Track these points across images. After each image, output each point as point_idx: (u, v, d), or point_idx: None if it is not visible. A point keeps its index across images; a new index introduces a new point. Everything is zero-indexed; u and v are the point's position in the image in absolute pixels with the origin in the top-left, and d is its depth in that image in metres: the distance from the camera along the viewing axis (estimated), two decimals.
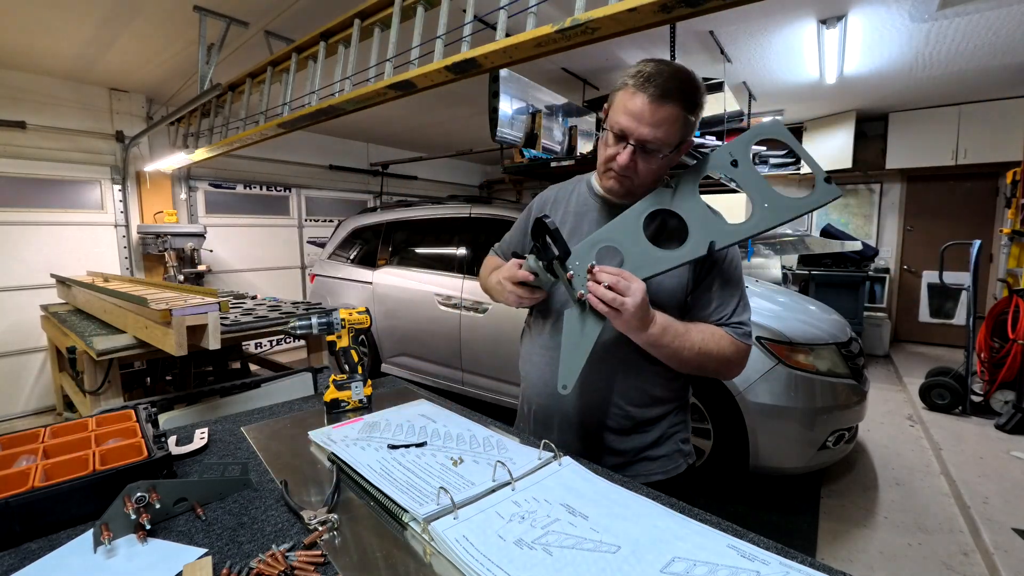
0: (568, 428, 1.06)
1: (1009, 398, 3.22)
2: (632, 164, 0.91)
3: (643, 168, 0.92)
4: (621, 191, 0.98)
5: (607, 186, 1.00)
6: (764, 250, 4.81)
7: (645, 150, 0.90)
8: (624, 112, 0.89)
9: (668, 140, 0.89)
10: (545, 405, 1.08)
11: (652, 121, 0.86)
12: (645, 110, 0.86)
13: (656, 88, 0.85)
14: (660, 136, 0.88)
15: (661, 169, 0.95)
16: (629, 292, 0.82)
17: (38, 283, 3.82)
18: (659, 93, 0.85)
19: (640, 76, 0.87)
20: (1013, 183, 3.99)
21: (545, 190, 1.21)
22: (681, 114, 0.87)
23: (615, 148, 0.92)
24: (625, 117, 0.88)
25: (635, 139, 0.89)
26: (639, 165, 0.92)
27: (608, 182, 0.99)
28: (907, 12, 2.96)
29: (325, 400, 1.16)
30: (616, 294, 0.82)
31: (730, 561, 0.59)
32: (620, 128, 0.90)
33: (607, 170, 0.97)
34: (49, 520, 0.70)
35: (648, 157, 0.91)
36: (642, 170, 0.93)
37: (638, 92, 0.87)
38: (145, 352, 1.96)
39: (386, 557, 0.64)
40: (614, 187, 0.98)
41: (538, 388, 1.09)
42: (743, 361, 0.99)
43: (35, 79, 3.73)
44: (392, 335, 3.79)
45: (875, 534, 2.22)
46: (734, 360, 0.97)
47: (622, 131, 0.90)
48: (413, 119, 5.24)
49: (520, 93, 3.22)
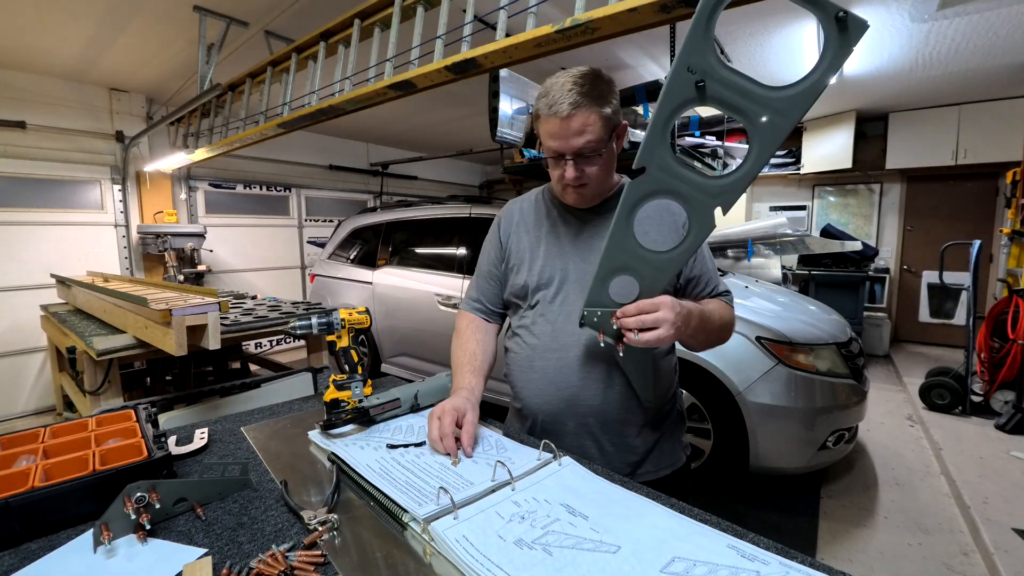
0: (584, 431, 1.04)
1: (1009, 398, 3.22)
2: (580, 173, 0.97)
3: (591, 172, 0.97)
4: (585, 200, 1.04)
5: (571, 201, 1.05)
6: (764, 250, 4.81)
7: (583, 156, 0.95)
8: (548, 137, 0.95)
9: (597, 139, 0.93)
10: (555, 412, 1.05)
11: (573, 133, 0.92)
12: (562, 127, 0.92)
13: (560, 106, 0.91)
14: (588, 139, 0.93)
15: (608, 162, 1.00)
16: (659, 322, 0.84)
17: (38, 283, 3.82)
18: (567, 109, 0.91)
19: (545, 102, 0.93)
20: (1013, 183, 3.98)
21: (506, 205, 1.21)
22: (594, 113, 0.92)
23: (559, 168, 0.98)
24: (551, 140, 0.95)
25: (569, 154, 0.95)
26: (586, 171, 0.97)
27: (570, 198, 1.04)
28: (907, 12, 2.96)
29: (325, 400, 1.16)
30: (650, 331, 0.84)
31: (730, 561, 0.59)
32: (552, 151, 0.97)
33: (564, 187, 1.01)
34: (49, 520, 0.70)
35: (589, 161, 0.96)
36: (591, 173, 0.98)
37: (550, 117, 0.93)
38: (145, 352, 1.96)
39: (386, 557, 0.64)
40: (577, 200, 1.04)
41: (547, 395, 1.05)
42: (733, 327, 1.09)
43: (35, 79, 3.73)
44: (392, 335, 3.79)
45: (875, 534, 2.22)
46: (732, 325, 1.07)
47: (555, 152, 0.96)
48: (413, 119, 5.24)
49: (520, 93, 3.22)
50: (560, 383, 1.04)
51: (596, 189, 1.02)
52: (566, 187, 1.00)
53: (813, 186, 6.10)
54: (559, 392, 1.04)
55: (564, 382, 1.03)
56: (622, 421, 1.04)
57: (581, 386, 1.02)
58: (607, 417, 1.03)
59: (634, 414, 1.04)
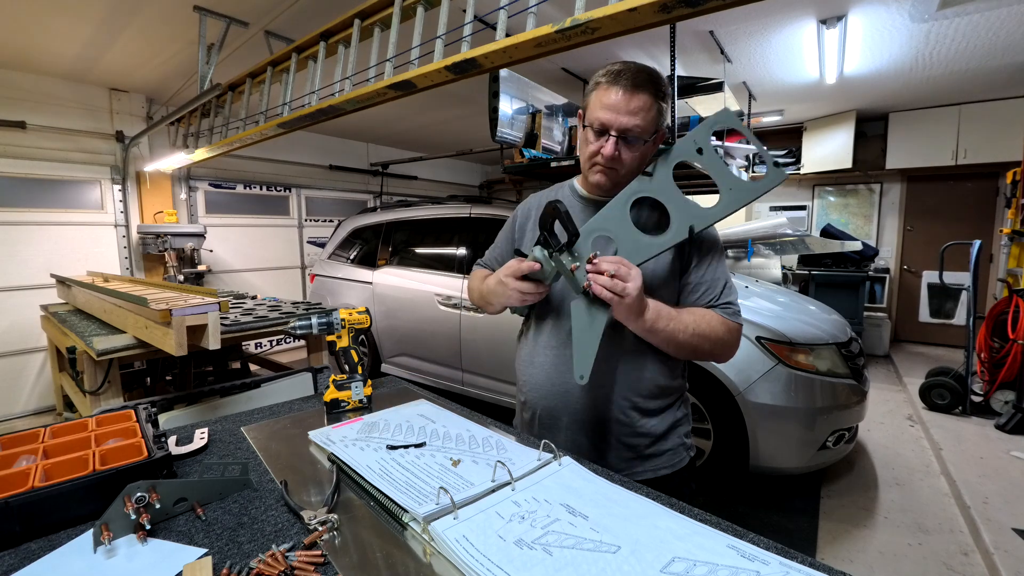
0: (578, 427, 1.05)
1: (1009, 398, 3.22)
2: (616, 154, 0.95)
3: (627, 157, 0.97)
4: (609, 184, 1.01)
5: (595, 180, 1.02)
6: (764, 250, 4.81)
7: (626, 139, 0.95)
8: (602, 107, 0.94)
9: (646, 127, 0.94)
10: (552, 407, 1.07)
11: (629, 110, 0.92)
12: (621, 101, 0.92)
13: (627, 80, 0.92)
14: (638, 123, 0.93)
15: (643, 158, 0.99)
16: (630, 278, 0.85)
17: (38, 283, 3.82)
18: (631, 84, 0.92)
19: (611, 73, 0.94)
20: (1013, 183, 3.98)
21: (527, 199, 1.23)
22: (654, 102, 0.93)
23: (598, 143, 0.97)
24: (603, 111, 0.94)
25: (616, 129, 0.94)
26: (623, 155, 0.96)
27: (595, 176, 1.01)
28: (907, 12, 2.96)
29: (325, 400, 1.16)
30: (618, 280, 0.85)
31: (730, 561, 0.59)
32: (600, 122, 0.95)
33: (592, 165, 1.00)
34: (49, 520, 0.70)
35: (630, 146, 0.96)
36: (626, 159, 0.97)
37: (611, 86, 0.93)
38: (145, 352, 1.96)
39: (386, 557, 0.64)
40: (601, 181, 1.01)
41: (544, 390, 1.08)
42: (736, 341, 1.02)
43: (35, 79, 3.73)
44: (392, 335, 3.79)
45: (875, 534, 2.22)
46: (727, 340, 0.99)
47: (602, 124, 0.95)
48: (413, 119, 5.24)
49: (520, 93, 3.21)
50: (556, 378, 1.06)
51: (623, 178, 1.00)
52: (594, 165, 0.99)
53: (813, 186, 6.10)
54: (554, 387, 1.06)
55: (559, 377, 1.05)
56: (617, 419, 1.04)
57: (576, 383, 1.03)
58: (601, 414, 1.04)
59: (630, 413, 1.04)
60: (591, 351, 0.90)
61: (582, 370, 0.91)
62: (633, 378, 1.03)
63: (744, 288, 3.00)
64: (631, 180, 1.00)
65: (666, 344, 0.96)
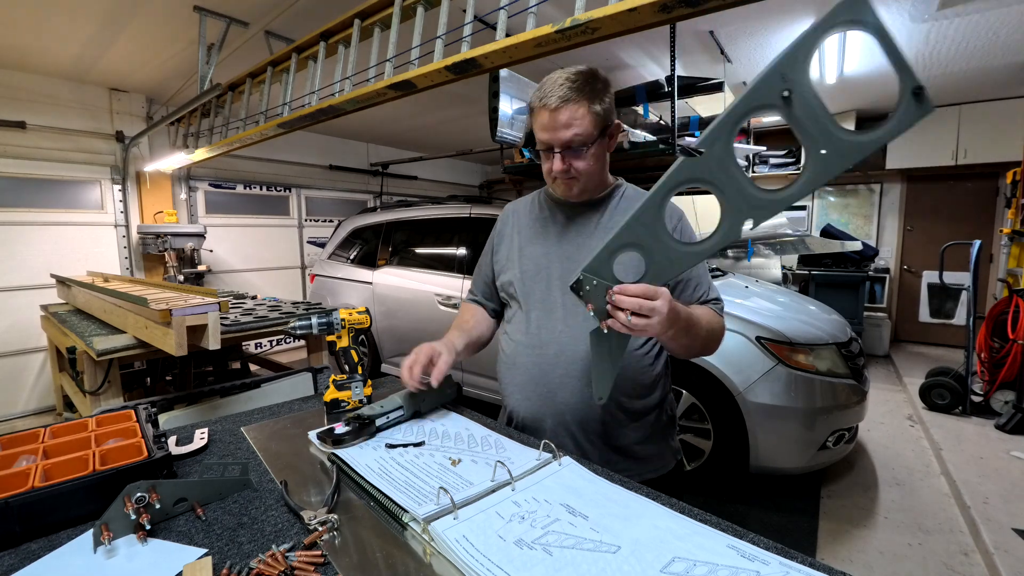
0: (563, 429, 1.04)
1: (1009, 398, 3.22)
2: (567, 166, 0.99)
3: (579, 165, 0.99)
4: (576, 193, 1.05)
5: (560, 193, 1.08)
6: (764, 250, 4.81)
7: (571, 150, 0.97)
8: (539, 129, 0.99)
9: (585, 133, 0.96)
10: (535, 409, 1.06)
11: (561, 125, 0.95)
12: (550, 120, 0.96)
13: (552, 98, 0.95)
14: (576, 133, 0.95)
15: (598, 158, 1.02)
16: (654, 312, 0.77)
17: (38, 283, 3.82)
18: (557, 100, 0.94)
19: (538, 96, 0.98)
20: (1013, 183, 3.98)
21: (507, 207, 1.25)
22: (587, 106, 0.95)
23: (548, 161, 1.01)
24: (541, 132, 0.98)
25: (557, 146, 0.97)
26: (574, 164, 0.99)
27: (559, 189, 1.06)
28: (907, 12, 2.96)
29: (325, 400, 1.16)
30: (642, 318, 0.78)
31: (730, 561, 0.59)
32: (542, 143, 1.00)
33: (554, 180, 1.05)
34: (49, 520, 0.70)
35: (576, 154, 0.98)
36: (580, 167, 0.99)
37: (541, 109, 0.97)
38: (145, 352, 1.96)
39: (386, 557, 0.64)
40: (565, 192, 1.06)
41: (527, 392, 1.07)
42: (723, 335, 1.05)
43: (35, 79, 3.73)
44: (392, 335, 3.79)
45: (875, 534, 2.22)
46: (720, 335, 1.03)
47: (545, 144, 0.99)
48: (413, 119, 5.24)
49: (520, 93, 3.21)
50: (539, 380, 1.05)
51: (585, 184, 1.03)
52: (555, 179, 1.03)
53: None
54: (537, 389, 1.06)
55: (543, 379, 1.05)
56: (602, 421, 1.04)
57: (559, 384, 1.03)
58: (585, 416, 1.03)
59: (615, 415, 1.04)
60: (611, 374, 0.86)
61: (601, 392, 0.87)
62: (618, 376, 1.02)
63: (744, 288, 3.00)
64: (597, 181, 1.04)
65: (682, 347, 0.95)
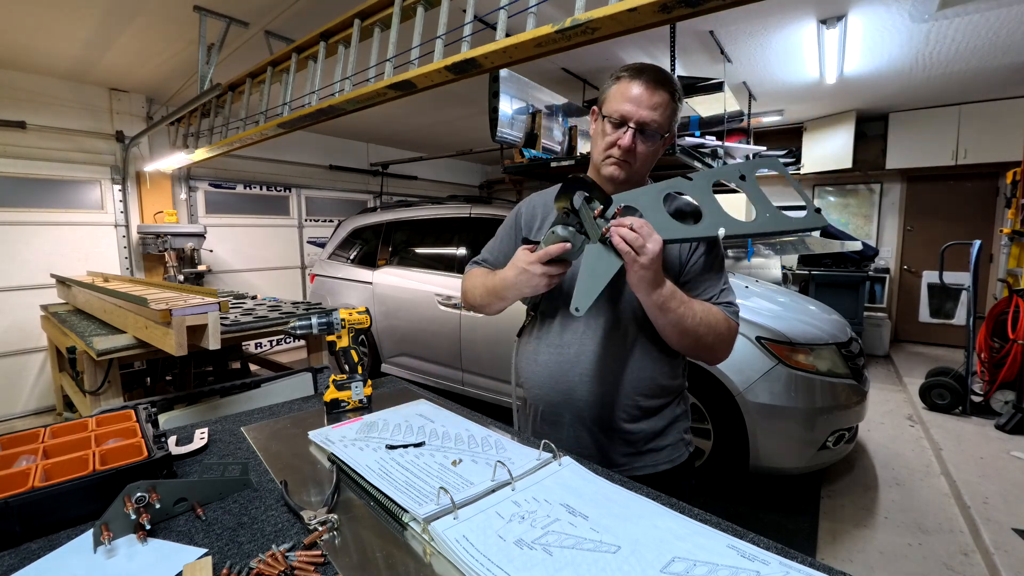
0: (581, 424, 1.06)
1: (1009, 398, 3.22)
2: (633, 146, 0.97)
3: (642, 151, 0.98)
4: (622, 176, 1.02)
5: (608, 173, 1.03)
6: (764, 250, 4.81)
7: (644, 133, 0.97)
8: (624, 99, 0.96)
9: (663, 123, 0.97)
10: (555, 403, 1.08)
11: (650, 104, 0.95)
12: (643, 94, 0.95)
13: (650, 76, 0.95)
14: (657, 118, 0.96)
15: (655, 155, 1.01)
16: (650, 239, 0.84)
17: (38, 283, 3.82)
18: (653, 80, 0.95)
19: (633, 69, 0.97)
20: (1013, 183, 3.98)
21: (530, 196, 1.22)
22: (671, 101, 0.97)
23: (615, 134, 0.98)
24: (625, 103, 0.96)
25: (635, 121, 0.95)
26: (639, 147, 0.98)
27: (609, 168, 1.02)
28: (907, 12, 2.96)
29: (325, 400, 1.16)
30: (637, 235, 0.84)
31: (730, 561, 0.59)
32: (620, 114, 0.97)
33: (607, 157, 1.01)
34: (49, 520, 0.70)
35: (646, 140, 0.98)
36: (641, 153, 0.98)
37: (634, 80, 0.96)
38: (145, 352, 1.96)
39: (386, 557, 0.64)
40: (615, 173, 1.01)
41: (547, 387, 1.09)
42: (733, 341, 1.02)
43: (35, 79, 3.73)
44: (392, 335, 3.79)
45: (875, 534, 2.22)
46: (727, 337, 1.00)
47: (623, 116, 0.96)
48: (413, 119, 5.24)
49: (520, 93, 3.21)
50: (559, 377, 1.06)
51: (637, 171, 1.01)
52: (608, 157, 1.00)
53: (813, 186, 6.10)
54: (557, 385, 1.07)
55: (562, 377, 1.06)
56: (619, 417, 1.05)
57: (578, 382, 1.04)
58: (602, 412, 1.04)
59: (632, 412, 1.05)
60: (594, 290, 0.88)
61: (579, 303, 0.87)
62: (636, 377, 1.04)
63: (744, 288, 3.00)
64: (640, 179, 1.03)
65: (673, 327, 0.94)
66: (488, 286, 1.12)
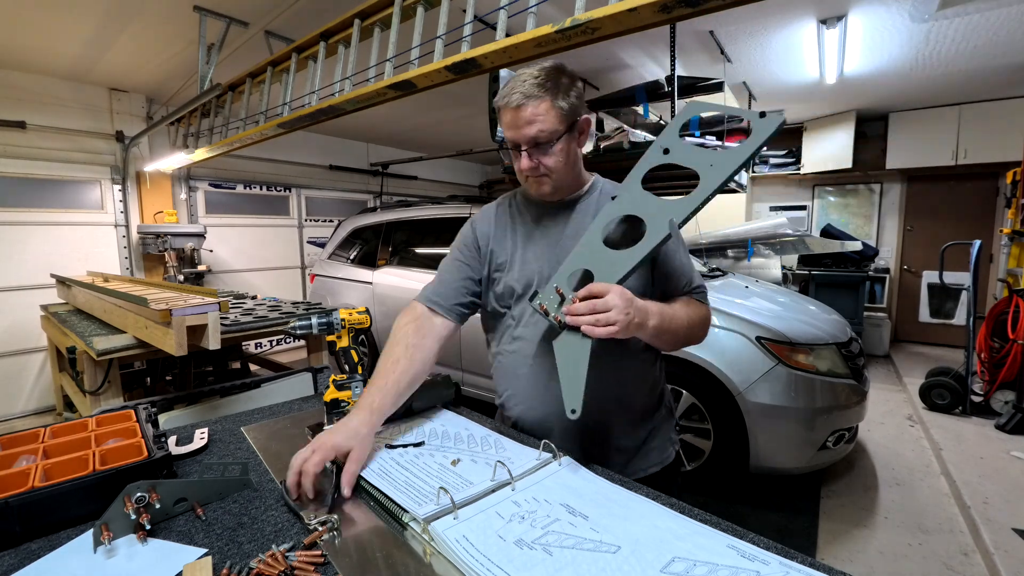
0: (569, 437, 1.02)
1: (1009, 398, 3.22)
2: (536, 163, 0.97)
3: (548, 161, 0.97)
4: (548, 190, 1.02)
5: (535, 192, 1.05)
6: (764, 250, 4.81)
7: (537, 146, 0.96)
8: (505, 128, 0.98)
9: (550, 129, 0.94)
10: (541, 418, 1.04)
11: (524, 122, 0.94)
12: (512, 119, 0.95)
13: (514, 97, 0.94)
14: (540, 129, 0.94)
15: (568, 153, 0.99)
16: (610, 306, 0.82)
17: (38, 283, 3.82)
18: (517, 101, 0.94)
19: (501, 96, 0.97)
20: (1013, 183, 3.98)
21: (483, 208, 1.19)
22: (548, 103, 0.94)
23: (519, 159, 0.99)
24: (507, 131, 0.98)
25: (523, 143, 0.96)
26: (543, 161, 0.97)
27: (533, 187, 1.04)
28: (907, 12, 2.96)
29: (325, 400, 1.16)
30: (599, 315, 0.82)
31: (730, 561, 0.59)
32: (509, 141, 0.99)
33: (527, 179, 1.03)
34: (49, 520, 0.70)
35: (543, 150, 0.96)
36: (549, 164, 0.98)
37: (504, 109, 0.96)
38: (145, 352, 1.96)
39: (386, 557, 0.64)
40: (539, 190, 1.03)
41: (533, 401, 1.05)
42: (709, 322, 1.06)
43: (35, 79, 3.73)
44: None
45: (875, 534, 2.22)
46: (706, 323, 1.04)
47: (511, 143, 0.99)
48: (413, 119, 5.24)
49: None
50: (542, 389, 1.02)
51: (558, 181, 1.01)
52: (527, 178, 1.02)
53: (813, 186, 6.10)
54: (541, 398, 1.03)
55: (547, 389, 1.01)
56: (606, 425, 1.03)
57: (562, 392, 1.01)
58: (590, 422, 1.00)
59: (618, 417, 1.04)
60: (580, 385, 0.86)
61: (573, 404, 0.85)
62: (618, 380, 1.03)
63: (744, 288, 3.00)
64: (571, 179, 1.04)
65: (667, 342, 0.97)
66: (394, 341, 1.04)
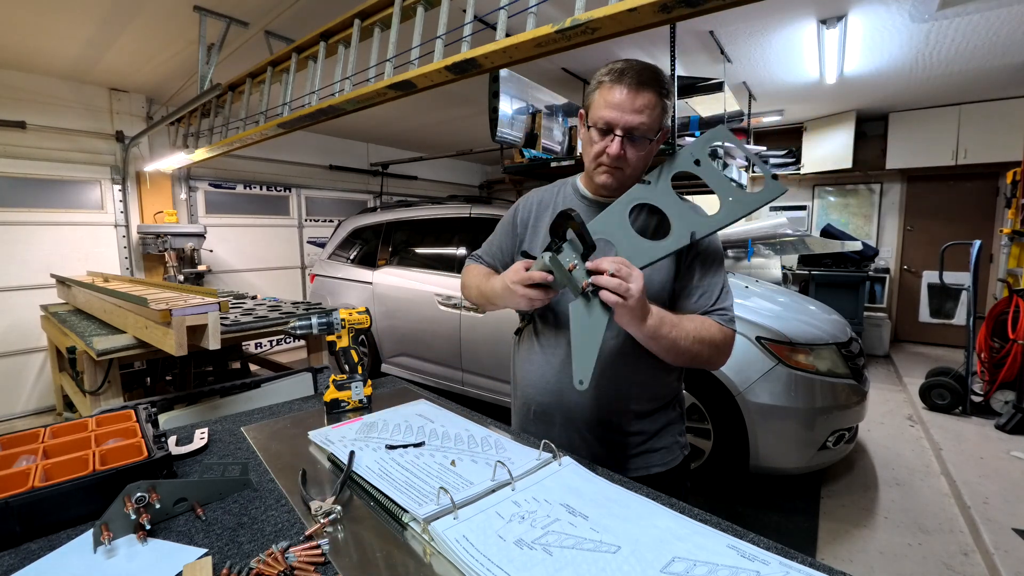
0: (571, 426, 1.05)
1: (1009, 398, 3.22)
2: (622, 153, 0.94)
3: (632, 156, 0.95)
4: (614, 184, 0.99)
5: (600, 181, 1.00)
6: (764, 250, 4.81)
7: (632, 138, 0.93)
8: (606, 105, 0.92)
9: (651, 125, 0.93)
10: (547, 404, 1.08)
11: (634, 108, 0.90)
12: (625, 99, 0.90)
13: (632, 78, 0.90)
14: (644, 121, 0.91)
15: (648, 157, 0.98)
16: (632, 279, 0.82)
17: (38, 283, 3.82)
18: (635, 82, 0.90)
19: (614, 72, 0.92)
20: (1013, 183, 3.98)
21: (528, 193, 1.20)
22: (658, 100, 0.92)
23: (603, 142, 0.95)
24: (608, 110, 0.92)
25: (621, 128, 0.92)
26: (628, 153, 0.95)
27: (600, 177, 1.00)
28: (907, 12, 2.96)
29: (325, 400, 1.16)
30: (620, 280, 0.81)
31: (730, 561, 0.59)
32: (605, 121, 0.93)
33: (598, 166, 0.98)
34: (49, 520, 0.70)
35: (635, 145, 0.94)
36: (632, 158, 0.96)
37: (616, 85, 0.91)
38: (145, 352, 1.96)
39: (386, 557, 0.64)
40: (607, 181, 0.99)
41: (540, 387, 1.08)
42: (730, 348, 0.99)
43: (35, 79, 3.73)
44: (392, 335, 3.79)
45: (875, 534, 2.22)
46: (722, 347, 0.98)
47: (607, 124, 0.93)
48: (413, 119, 5.24)
49: (520, 93, 3.22)
50: (551, 376, 1.06)
51: (629, 178, 0.98)
52: (599, 166, 0.98)
53: (813, 186, 6.10)
54: (549, 384, 1.06)
55: (554, 376, 1.05)
56: (610, 419, 1.04)
57: (568, 384, 1.02)
58: (594, 414, 1.03)
59: (624, 413, 1.04)
60: (591, 356, 0.85)
61: (582, 375, 0.85)
62: (629, 383, 1.03)
63: (744, 288, 3.00)
64: (637, 180, 0.99)
65: (667, 352, 0.92)
66: (482, 289, 1.12)
